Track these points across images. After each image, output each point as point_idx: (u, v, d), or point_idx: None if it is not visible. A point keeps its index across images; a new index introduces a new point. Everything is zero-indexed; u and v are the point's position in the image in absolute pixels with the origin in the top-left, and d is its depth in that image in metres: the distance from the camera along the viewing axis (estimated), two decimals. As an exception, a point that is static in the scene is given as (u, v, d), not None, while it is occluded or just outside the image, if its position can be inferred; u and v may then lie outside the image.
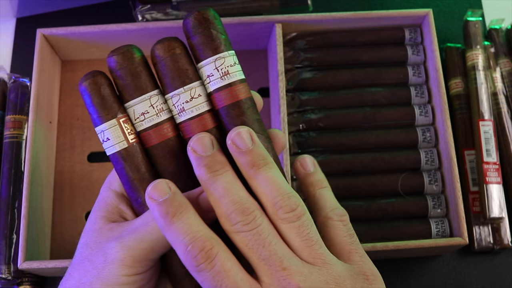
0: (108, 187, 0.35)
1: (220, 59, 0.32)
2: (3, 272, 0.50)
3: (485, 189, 0.53)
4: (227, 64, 0.32)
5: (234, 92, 0.32)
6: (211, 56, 0.32)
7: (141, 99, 0.32)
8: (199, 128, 0.32)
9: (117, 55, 0.32)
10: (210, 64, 0.32)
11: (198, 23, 0.32)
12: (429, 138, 0.54)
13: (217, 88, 0.32)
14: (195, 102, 0.32)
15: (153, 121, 0.32)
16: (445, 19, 0.65)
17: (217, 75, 0.32)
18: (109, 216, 0.34)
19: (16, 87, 0.57)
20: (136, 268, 0.31)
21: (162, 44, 0.33)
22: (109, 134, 0.32)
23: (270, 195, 0.30)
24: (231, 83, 0.32)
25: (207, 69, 0.32)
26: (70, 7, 0.64)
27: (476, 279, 0.54)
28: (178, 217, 0.30)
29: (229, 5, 0.61)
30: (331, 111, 0.55)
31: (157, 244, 0.31)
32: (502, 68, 0.59)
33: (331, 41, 0.57)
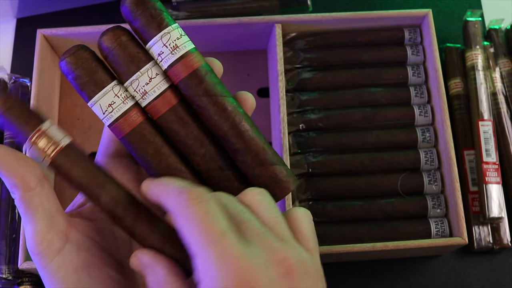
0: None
1: (166, 35, 0.32)
2: (3, 272, 0.51)
3: (485, 189, 0.53)
4: (174, 38, 0.32)
5: (187, 63, 0.33)
6: (156, 35, 0.32)
7: (104, 92, 0.32)
8: (165, 106, 0.33)
9: (69, 56, 0.32)
10: (158, 42, 0.32)
11: (135, 6, 0.33)
12: (428, 138, 0.54)
13: (170, 64, 0.32)
14: (154, 82, 0.33)
15: (121, 110, 0.33)
16: (444, 19, 0.65)
17: (167, 51, 0.32)
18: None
19: (16, 87, 0.57)
20: (44, 250, 0.29)
21: (107, 35, 0.33)
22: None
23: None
24: (182, 56, 0.32)
25: (156, 48, 0.33)
26: (70, 7, 0.64)
27: (475, 279, 0.54)
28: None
29: (229, 5, 0.61)
30: (331, 111, 0.55)
31: (36, 218, 0.30)
32: (502, 68, 0.59)
33: (331, 41, 0.57)
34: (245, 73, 0.61)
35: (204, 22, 0.54)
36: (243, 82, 0.60)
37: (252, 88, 0.60)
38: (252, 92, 0.60)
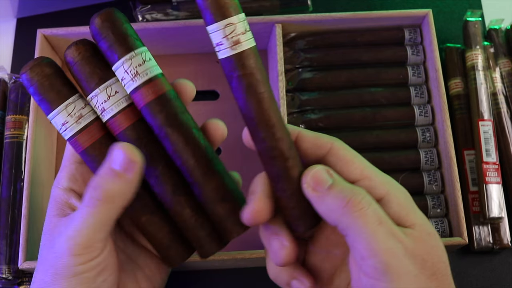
0: (56, 186, 0.35)
1: (127, 60, 0.32)
2: (3, 272, 0.51)
3: (485, 189, 0.53)
4: (135, 64, 0.32)
5: (147, 92, 0.32)
6: (119, 60, 0.32)
7: (62, 107, 0.33)
8: (122, 125, 0.33)
9: (28, 70, 0.33)
10: (119, 68, 0.32)
11: (101, 27, 0.33)
12: (428, 138, 0.54)
13: (132, 91, 0.32)
14: (113, 100, 0.33)
15: (73, 129, 0.33)
16: (444, 19, 0.65)
17: (128, 78, 0.32)
18: (60, 213, 0.34)
19: (17, 87, 0.57)
20: (86, 254, 0.32)
21: (71, 48, 0.33)
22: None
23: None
24: (142, 83, 0.32)
25: (119, 73, 0.32)
26: (71, 7, 0.64)
27: (475, 279, 0.54)
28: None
29: (229, 6, 0.61)
30: (331, 111, 0.55)
31: (97, 225, 0.32)
32: (502, 68, 0.60)
33: (331, 41, 0.57)
34: (245, 73, 0.61)
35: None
36: (243, 82, 0.60)
37: (252, 88, 0.60)
38: (252, 92, 0.60)
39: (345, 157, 0.32)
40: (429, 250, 0.30)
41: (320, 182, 0.31)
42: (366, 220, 0.29)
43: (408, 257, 0.29)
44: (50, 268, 0.32)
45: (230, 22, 0.30)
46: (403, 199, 0.31)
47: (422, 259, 0.29)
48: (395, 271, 0.29)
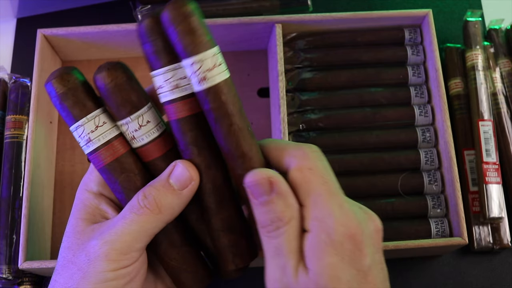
0: (85, 189, 0.34)
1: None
2: (3, 272, 0.51)
3: (485, 189, 0.53)
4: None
5: (186, 106, 0.32)
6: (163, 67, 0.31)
7: (80, 123, 0.32)
8: (155, 153, 0.32)
9: (56, 80, 0.32)
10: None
11: (150, 29, 0.31)
12: (428, 138, 0.54)
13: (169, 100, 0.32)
14: (144, 130, 0.32)
15: (95, 144, 0.32)
16: (444, 19, 0.65)
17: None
18: (90, 218, 0.34)
19: (17, 87, 0.57)
20: (121, 261, 0.31)
21: (102, 73, 0.32)
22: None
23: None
24: (184, 96, 0.31)
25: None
26: (71, 7, 0.64)
27: (475, 279, 0.54)
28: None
29: (229, 5, 0.61)
30: (331, 111, 0.55)
31: (140, 234, 0.31)
32: (502, 68, 0.60)
33: (331, 41, 0.57)
34: (245, 73, 0.61)
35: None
36: (243, 82, 0.60)
37: (252, 88, 0.60)
38: (252, 92, 0.60)
39: (295, 182, 0.32)
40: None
41: (263, 190, 0.31)
42: (272, 244, 0.31)
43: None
44: (79, 271, 0.32)
45: (203, 58, 0.30)
46: (320, 241, 0.30)
47: None
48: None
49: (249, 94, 0.60)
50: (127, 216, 0.32)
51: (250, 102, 0.60)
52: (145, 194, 0.32)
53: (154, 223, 0.32)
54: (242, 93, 0.59)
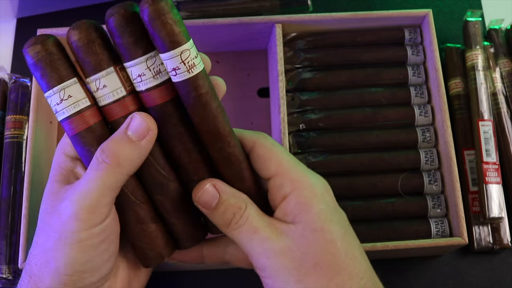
0: (62, 153, 0.35)
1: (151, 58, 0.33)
2: (3, 272, 0.51)
3: (485, 189, 0.53)
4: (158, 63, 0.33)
5: (165, 92, 0.33)
6: (140, 57, 0.33)
7: (62, 86, 0.33)
8: (121, 112, 0.33)
9: (33, 45, 0.33)
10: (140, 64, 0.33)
11: (123, 22, 0.32)
12: (428, 138, 0.54)
13: (147, 88, 0.33)
14: (108, 89, 0.33)
15: (77, 107, 0.33)
16: (444, 19, 0.65)
17: (149, 75, 0.33)
18: (64, 180, 0.34)
19: (17, 87, 0.57)
20: (91, 220, 0.32)
21: (76, 30, 0.33)
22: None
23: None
24: (162, 82, 0.33)
25: (135, 70, 0.33)
26: (71, 7, 0.64)
27: (475, 279, 0.54)
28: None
29: (229, 5, 0.61)
30: (331, 111, 0.55)
31: (103, 189, 0.32)
32: (502, 69, 0.60)
33: (331, 41, 0.57)
34: (245, 73, 0.61)
35: (204, 22, 0.54)
36: (243, 82, 0.60)
37: (252, 88, 0.60)
38: (252, 92, 0.60)
39: (264, 155, 0.35)
40: (310, 244, 0.33)
41: (208, 200, 0.34)
42: (242, 235, 0.34)
43: (283, 254, 0.33)
44: (54, 233, 0.33)
45: (185, 49, 0.32)
46: (303, 198, 0.34)
47: (301, 253, 0.33)
48: (271, 269, 0.33)
49: (249, 94, 0.60)
50: (89, 173, 0.32)
51: (250, 102, 0.60)
52: (102, 149, 0.32)
53: (114, 177, 0.32)
54: (242, 93, 0.60)
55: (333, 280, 0.32)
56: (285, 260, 0.33)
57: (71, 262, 0.32)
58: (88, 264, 0.33)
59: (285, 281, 0.32)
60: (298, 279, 0.32)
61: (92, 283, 0.34)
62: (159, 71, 0.33)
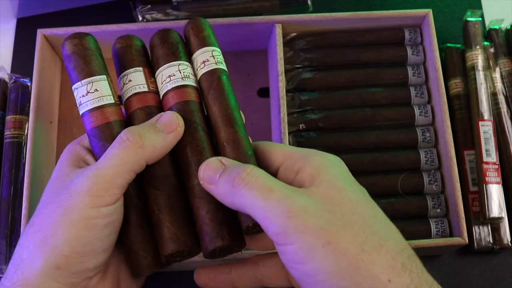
0: (77, 143, 0.36)
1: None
2: (3, 272, 0.51)
3: (485, 189, 0.53)
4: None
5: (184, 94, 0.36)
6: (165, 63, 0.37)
7: (93, 80, 0.35)
8: (137, 104, 0.36)
9: (73, 39, 0.36)
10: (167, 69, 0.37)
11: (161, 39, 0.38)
12: (428, 138, 0.54)
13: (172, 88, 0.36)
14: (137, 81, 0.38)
15: (91, 105, 0.35)
16: (444, 19, 0.65)
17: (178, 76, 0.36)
18: (74, 164, 0.34)
19: (17, 87, 0.57)
20: (103, 197, 0.31)
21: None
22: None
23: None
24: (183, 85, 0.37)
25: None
26: (71, 7, 0.64)
27: (475, 279, 0.54)
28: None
29: (229, 5, 0.61)
30: (331, 111, 0.55)
31: (120, 168, 0.31)
32: (502, 69, 0.60)
33: (331, 41, 0.57)
34: (245, 73, 0.61)
35: (204, 22, 0.54)
36: (243, 82, 0.60)
37: (252, 88, 0.60)
38: (252, 92, 0.60)
39: (267, 149, 0.34)
40: (337, 203, 0.30)
41: (212, 173, 0.32)
42: (254, 192, 0.29)
43: (308, 213, 0.29)
44: (59, 208, 0.31)
45: (215, 49, 0.38)
46: (317, 162, 0.31)
47: (328, 212, 0.29)
48: (296, 230, 0.28)
49: (249, 94, 0.60)
50: (109, 151, 0.32)
51: (250, 102, 0.60)
52: (128, 130, 0.33)
53: (134, 157, 0.32)
54: (242, 93, 0.60)
55: (368, 242, 0.29)
56: (310, 218, 0.28)
57: (72, 240, 0.30)
58: (89, 246, 0.31)
59: (310, 245, 0.28)
60: (327, 240, 0.28)
61: (87, 270, 0.32)
62: (188, 76, 0.36)
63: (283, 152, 0.33)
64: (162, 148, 0.33)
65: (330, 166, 0.31)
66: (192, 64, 0.38)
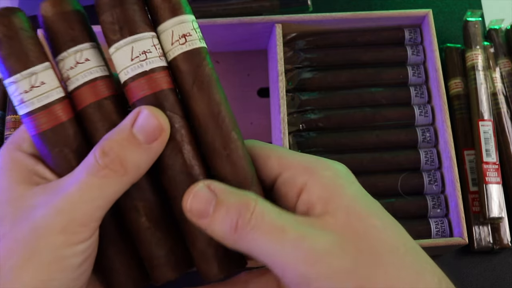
0: (15, 148, 0.27)
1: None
2: None
3: (485, 189, 0.53)
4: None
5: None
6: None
7: (28, 73, 0.26)
8: (89, 98, 0.27)
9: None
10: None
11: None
12: (428, 138, 0.54)
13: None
14: (81, 68, 0.27)
15: (44, 100, 0.27)
16: (444, 19, 0.65)
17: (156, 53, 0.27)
18: (27, 180, 0.26)
19: (17, 87, 0.57)
20: (81, 234, 0.25)
21: (48, 1, 0.29)
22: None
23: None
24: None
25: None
26: (70, 7, 0.64)
27: (476, 279, 0.54)
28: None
29: (229, 5, 0.61)
30: (331, 111, 0.55)
31: (101, 200, 0.25)
32: (502, 69, 0.59)
33: (331, 41, 0.57)
34: (245, 73, 0.61)
35: (204, 22, 0.54)
36: (243, 82, 0.60)
37: (252, 88, 0.60)
38: (252, 92, 0.60)
39: (260, 155, 0.27)
40: (362, 235, 0.24)
41: (202, 206, 0.25)
42: (264, 238, 0.24)
43: (332, 255, 0.24)
44: (23, 249, 0.24)
45: (193, 19, 0.28)
46: (326, 179, 0.26)
47: (354, 249, 0.24)
48: (320, 276, 0.23)
49: (249, 94, 0.60)
50: (84, 179, 0.25)
51: (250, 102, 0.60)
52: (104, 150, 0.25)
53: (118, 185, 0.25)
54: (242, 93, 0.60)
55: (402, 278, 0.25)
56: (335, 261, 0.23)
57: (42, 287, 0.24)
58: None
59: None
60: (358, 284, 0.23)
61: None
62: (163, 54, 0.27)
63: (279, 160, 0.27)
64: (148, 164, 0.26)
65: (343, 183, 0.26)
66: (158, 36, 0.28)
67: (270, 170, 0.27)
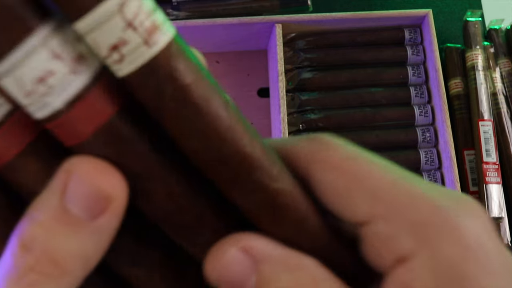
0: None
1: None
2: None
3: (485, 189, 0.53)
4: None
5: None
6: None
7: None
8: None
9: None
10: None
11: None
12: (428, 138, 0.54)
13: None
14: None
15: None
16: (444, 19, 0.65)
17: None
18: None
19: (17, 87, 0.57)
20: None
21: None
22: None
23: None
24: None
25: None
26: (70, 7, 0.64)
27: (475, 279, 0.54)
28: None
29: (229, 5, 0.61)
30: (331, 111, 0.55)
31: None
32: (502, 69, 0.59)
33: (331, 41, 0.57)
34: (245, 73, 0.61)
35: (204, 22, 0.54)
36: (243, 82, 0.60)
37: (252, 88, 0.60)
38: (252, 92, 0.60)
39: (337, 181, 0.17)
40: None
41: (235, 281, 0.16)
42: None
43: None
44: None
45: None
46: (451, 259, 0.14)
47: None
48: None
49: (249, 94, 0.60)
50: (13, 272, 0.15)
51: (250, 102, 0.60)
52: (24, 243, 0.15)
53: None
54: (242, 93, 0.60)
55: None
56: None
57: None
58: None
59: None
60: None
61: None
62: (82, 56, 0.14)
63: (371, 196, 0.16)
64: (98, 250, 0.16)
65: (478, 274, 0.14)
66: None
67: (354, 209, 0.16)
